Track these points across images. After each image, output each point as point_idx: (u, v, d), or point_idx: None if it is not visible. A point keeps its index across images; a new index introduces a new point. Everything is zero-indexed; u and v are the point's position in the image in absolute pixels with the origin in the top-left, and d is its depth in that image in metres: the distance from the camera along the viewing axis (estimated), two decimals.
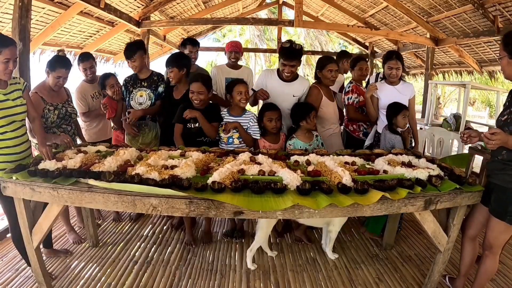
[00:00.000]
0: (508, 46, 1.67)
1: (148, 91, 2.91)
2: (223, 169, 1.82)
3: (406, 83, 3.02)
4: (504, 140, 1.61)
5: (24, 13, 2.86)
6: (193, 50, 3.47)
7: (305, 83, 2.93)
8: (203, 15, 7.00)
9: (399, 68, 2.84)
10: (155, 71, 3.02)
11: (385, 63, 2.89)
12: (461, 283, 2.13)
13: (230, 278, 2.31)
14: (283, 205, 1.60)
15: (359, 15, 7.09)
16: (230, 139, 2.70)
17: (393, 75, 2.84)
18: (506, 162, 1.73)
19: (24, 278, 2.24)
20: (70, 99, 2.67)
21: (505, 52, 1.68)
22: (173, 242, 2.77)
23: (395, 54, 2.86)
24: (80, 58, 3.03)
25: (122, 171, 1.86)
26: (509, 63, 1.69)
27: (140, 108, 2.89)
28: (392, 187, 1.73)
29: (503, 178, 1.75)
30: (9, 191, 1.79)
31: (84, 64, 2.98)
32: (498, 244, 1.84)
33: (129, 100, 2.94)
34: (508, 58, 1.68)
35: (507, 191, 1.73)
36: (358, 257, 2.60)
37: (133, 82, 2.95)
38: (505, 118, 1.76)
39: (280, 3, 8.69)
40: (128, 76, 3.02)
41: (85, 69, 2.99)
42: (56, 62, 2.44)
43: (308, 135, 2.69)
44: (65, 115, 2.55)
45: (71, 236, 2.74)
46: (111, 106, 2.90)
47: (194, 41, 3.55)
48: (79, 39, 5.35)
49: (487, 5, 4.40)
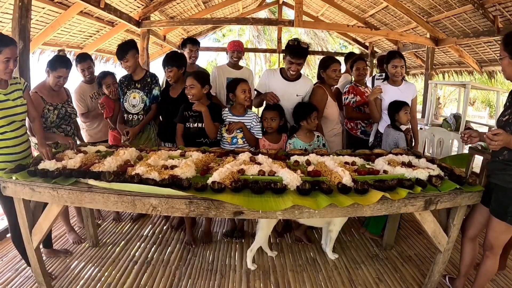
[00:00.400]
0: (508, 46, 1.68)
1: (141, 93, 2.87)
2: (223, 169, 1.82)
3: (408, 83, 3.02)
4: (507, 140, 1.61)
5: (24, 13, 2.86)
6: (193, 49, 3.45)
7: (308, 82, 2.92)
8: (203, 15, 7.00)
9: (403, 66, 2.83)
10: (150, 71, 2.99)
11: (388, 63, 2.87)
12: (461, 283, 2.13)
13: (230, 278, 2.31)
14: (283, 205, 1.60)
15: (359, 15, 7.09)
16: (234, 139, 2.68)
17: (398, 73, 2.83)
18: (507, 162, 1.73)
19: (24, 278, 2.24)
20: (70, 99, 2.67)
21: (506, 52, 1.69)
22: (173, 242, 2.77)
23: (398, 53, 2.86)
24: (77, 59, 3.00)
25: (122, 171, 1.86)
26: (510, 63, 1.70)
27: (133, 110, 2.87)
28: (392, 187, 1.73)
29: (504, 178, 1.74)
30: (9, 191, 1.79)
31: (81, 65, 2.95)
32: (498, 244, 1.84)
33: (123, 101, 2.91)
34: (509, 59, 1.69)
35: (507, 191, 1.72)
36: (358, 257, 2.60)
37: (127, 83, 2.91)
38: (506, 119, 1.76)
39: (280, 3, 8.70)
40: (123, 77, 2.98)
41: (83, 70, 2.97)
42: (57, 62, 2.44)
43: (309, 135, 2.69)
44: (65, 115, 2.55)
45: (71, 236, 2.74)
46: (108, 105, 2.89)
47: (194, 40, 3.54)
48: (79, 39, 5.35)
49: (487, 5, 4.40)
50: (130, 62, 2.79)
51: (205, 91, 2.61)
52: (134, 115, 2.90)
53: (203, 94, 2.60)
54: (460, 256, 2.12)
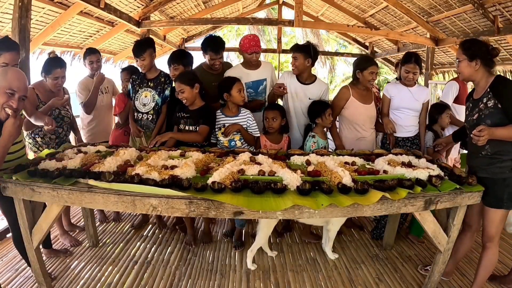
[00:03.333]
0: (468, 50, 1.88)
1: (153, 92, 2.82)
2: (223, 169, 1.82)
3: (422, 86, 2.92)
4: (490, 133, 1.73)
5: (24, 13, 2.86)
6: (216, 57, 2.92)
7: (323, 86, 2.85)
8: (203, 15, 7.00)
9: (416, 73, 2.69)
10: (164, 71, 2.91)
11: (403, 65, 2.74)
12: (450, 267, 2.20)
13: (230, 278, 2.31)
14: (283, 205, 1.60)
15: (359, 15, 7.09)
16: (232, 142, 2.63)
17: (409, 79, 2.70)
18: (492, 156, 1.86)
19: (24, 278, 2.24)
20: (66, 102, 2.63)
21: (465, 55, 1.89)
22: (173, 242, 2.77)
23: (414, 57, 2.66)
24: (87, 52, 3.03)
25: (122, 171, 1.86)
26: (468, 66, 1.89)
27: (143, 109, 2.82)
28: (392, 187, 1.73)
29: (492, 171, 1.87)
30: (9, 191, 1.79)
31: (90, 57, 2.98)
32: (498, 232, 1.93)
33: (134, 99, 2.87)
34: (467, 61, 1.89)
35: (498, 181, 1.84)
36: (358, 257, 2.60)
37: (140, 81, 2.87)
38: (476, 116, 1.89)
39: (280, 3, 8.69)
40: (136, 74, 2.96)
41: (91, 62, 2.98)
42: (50, 64, 2.45)
43: (324, 133, 2.75)
44: (57, 117, 2.54)
45: (66, 239, 2.69)
46: (121, 101, 2.89)
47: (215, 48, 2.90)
48: (79, 39, 5.34)
49: (487, 5, 4.40)
50: (147, 60, 2.75)
51: (196, 90, 2.52)
52: (144, 114, 2.85)
53: (195, 94, 2.53)
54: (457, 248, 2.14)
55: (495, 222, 1.89)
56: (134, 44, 2.80)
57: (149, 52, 2.74)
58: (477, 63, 1.86)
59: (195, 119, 2.56)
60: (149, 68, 2.82)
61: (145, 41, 2.81)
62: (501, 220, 1.90)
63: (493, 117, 1.81)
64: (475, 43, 1.89)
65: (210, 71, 2.99)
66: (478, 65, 1.86)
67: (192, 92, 2.50)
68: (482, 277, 2.00)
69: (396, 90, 2.78)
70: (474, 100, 1.96)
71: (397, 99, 2.77)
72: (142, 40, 2.83)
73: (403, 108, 2.74)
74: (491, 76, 1.88)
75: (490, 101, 1.83)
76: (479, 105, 1.89)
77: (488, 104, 1.83)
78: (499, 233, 1.94)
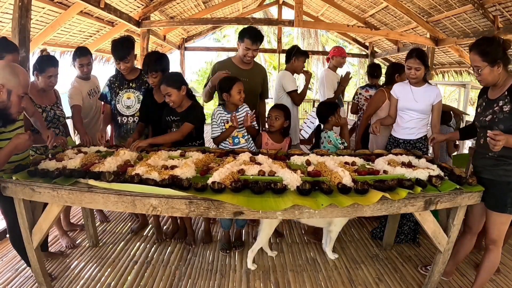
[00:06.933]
0: (488, 56, 1.76)
1: (137, 93, 2.68)
2: (223, 169, 1.82)
3: (432, 86, 2.62)
4: (506, 140, 1.63)
5: (24, 13, 2.86)
6: (252, 48, 2.76)
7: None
8: (203, 15, 7.01)
9: (419, 69, 2.47)
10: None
11: (405, 62, 2.60)
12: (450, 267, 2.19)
13: (230, 278, 2.31)
14: (283, 205, 1.60)
15: (359, 15, 7.10)
16: (235, 139, 2.61)
17: (412, 76, 2.50)
18: (499, 158, 1.81)
19: (24, 278, 2.24)
20: (59, 102, 2.60)
21: (486, 62, 1.77)
22: (173, 242, 2.77)
23: (416, 52, 2.48)
24: (77, 53, 2.79)
25: (122, 171, 1.86)
26: (491, 71, 1.78)
27: (127, 112, 2.70)
28: (392, 187, 1.73)
29: (497, 173, 1.83)
30: (9, 191, 1.79)
31: (81, 59, 2.77)
32: (501, 236, 1.91)
33: (115, 103, 2.70)
34: (490, 67, 1.77)
35: (502, 184, 1.81)
36: (358, 257, 2.60)
37: (119, 83, 2.70)
38: (490, 118, 1.83)
39: (280, 3, 8.70)
40: (112, 76, 2.77)
41: (81, 65, 2.79)
42: (44, 63, 2.39)
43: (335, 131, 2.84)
44: (53, 118, 2.50)
45: (64, 240, 2.67)
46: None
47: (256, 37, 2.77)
48: (79, 39, 5.35)
49: (487, 5, 4.41)
50: (131, 63, 2.62)
51: (183, 93, 2.44)
52: (130, 117, 2.72)
53: (182, 96, 2.45)
54: (457, 249, 2.14)
55: (497, 225, 1.86)
56: (115, 45, 2.56)
57: (132, 53, 2.60)
58: (499, 66, 1.77)
59: (185, 121, 2.48)
60: (131, 69, 2.69)
61: (127, 41, 2.58)
62: (503, 224, 1.86)
63: (506, 123, 1.75)
64: (490, 45, 1.78)
65: (240, 65, 2.85)
66: (500, 67, 1.78)
67: (179, 95, 2.42)
68: (483, 279, 2.00)
69: (401, 90, 2.68)
70: (489, 100, 1.88)
71: (401, 100, 2.67)
72: (124, 41, 2.57)
73: (405, 109, 2.65)
74: (509, 77, 1.81)
75: (506, 105, 1.76)
76: (493, 107, 1.82)
77: (504, 108, 1.77)
78: (503, 237, 1.92)
